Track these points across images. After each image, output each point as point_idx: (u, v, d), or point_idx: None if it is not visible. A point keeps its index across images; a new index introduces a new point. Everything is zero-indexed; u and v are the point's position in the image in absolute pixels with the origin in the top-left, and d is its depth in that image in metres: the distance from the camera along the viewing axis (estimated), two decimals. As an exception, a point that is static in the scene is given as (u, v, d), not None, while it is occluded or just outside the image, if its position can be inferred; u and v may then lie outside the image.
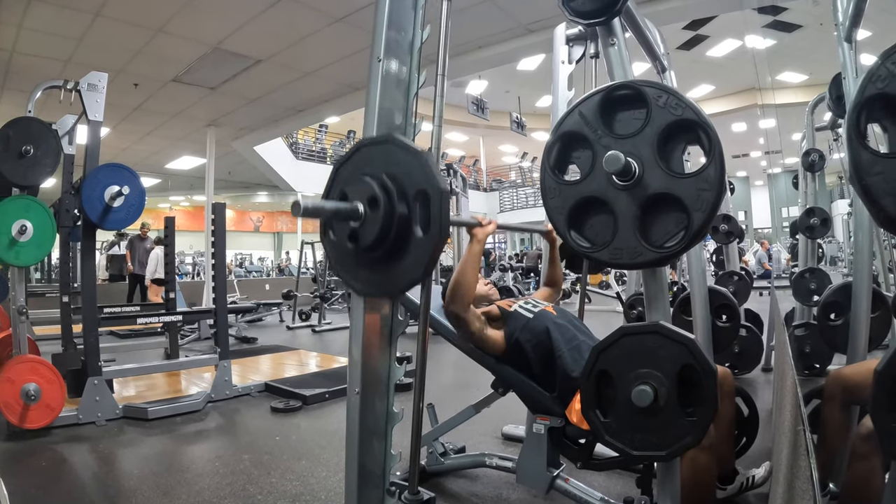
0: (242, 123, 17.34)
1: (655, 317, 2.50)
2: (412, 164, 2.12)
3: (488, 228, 3.42)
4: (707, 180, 2.21)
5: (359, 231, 2.17)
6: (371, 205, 2.13)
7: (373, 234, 2.13)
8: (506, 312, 3.76)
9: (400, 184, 2.13)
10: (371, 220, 2.13)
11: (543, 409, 3.53)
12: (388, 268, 2.20)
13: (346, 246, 2.21)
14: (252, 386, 7.47)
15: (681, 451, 2.31)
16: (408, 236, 2.13)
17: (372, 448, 2.88)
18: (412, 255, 2.14)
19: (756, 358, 7.34)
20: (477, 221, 3.41)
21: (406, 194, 2.13)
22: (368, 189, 2.14)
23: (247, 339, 12.49)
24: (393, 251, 2.16)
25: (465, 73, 15.29)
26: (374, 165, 2.21)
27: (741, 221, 35.24)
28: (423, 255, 2.11)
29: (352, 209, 2.16)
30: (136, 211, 6.27)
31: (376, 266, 2.23)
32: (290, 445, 5.39)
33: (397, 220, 2.12)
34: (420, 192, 2.09)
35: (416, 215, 2.12)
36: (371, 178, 2.16)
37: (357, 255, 2.23)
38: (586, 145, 2.47)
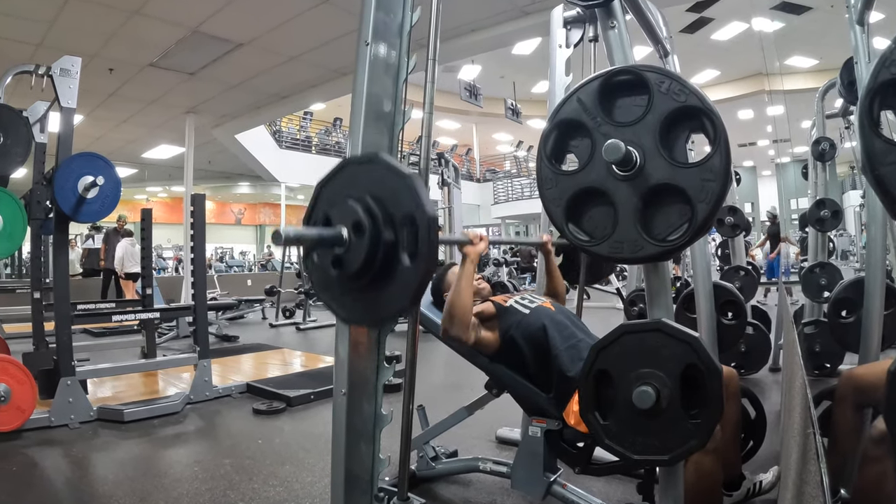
0: (223, 110, 17.33)
1: (657, 314, 2.50)
2: (399, 186, 2.10)
3: (480, 246, 3.37)
4: (712, 170, 2.21)
5: (343, 257, 2.15)
6: (356, 230, 2.11)
7: (358, 261, 2.11)
8: (500, 308, 3.75)
9: (386, 208, 2.11)
10: (356, 246, 2.11)
11: (540, 411, 3.52)
12: (374, 296, 2.18)
13: (330, 272, 2.20)
14: (233, 387, 7.46)
15: (684, 456, 2.31)
16: (394, 264, 2.11)
17: (359, 452, 2.87)
18: (399, 283, 2.11)
19: (763, 357, 7.34)
20: (468, 239, 3.36)
21: (392, 219, 2.10)
22: (353, 213, 2.11)
23: (228, 338, 12.45)
24: (379, 279, 2.15)
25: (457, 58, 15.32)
26: (359, 187, 2.18)
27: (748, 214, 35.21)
28: (410, 283, 2.09)
29: (336, 235, 2.14)
30: (112, 202, 6.25)
31: (361, 293, 2.21)
32: (273, 449, 5.39)
33: (383, 247, 2.10)
34: (407, 217, 2.08)
35: (402, 242, 2.09)
36: (356, 202, 2.14)
37: (341, 281, 2.22)
38: (585, 133, 2.46)
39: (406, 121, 3.04)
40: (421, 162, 3.22)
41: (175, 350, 10.04)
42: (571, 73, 4.58)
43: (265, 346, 11.50)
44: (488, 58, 19.38)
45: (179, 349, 10.15)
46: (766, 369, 7.55)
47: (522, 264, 21.84)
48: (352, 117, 2.92)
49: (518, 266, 21.46)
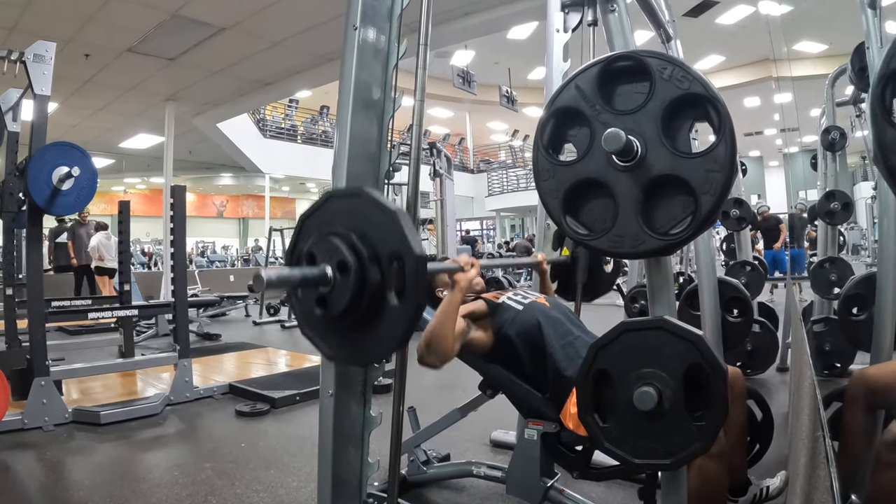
0: (204, 98, 17.29)
1: (659, 311, 2.50)
2: (385, 223, 2.09)
3: (471, 273, 3.27)
4: (716, 160, 2.19)
5: (328, 297, 2.15)
6: (340, 269, 2.11)
7: (343, 302, 2.11)
8: (493, 305, 3.73)
9: (372, 245, 2.11)
10: (341, 286, 2.11)
11: (536, 413, 3.52)
12: (361, 336, 2.18)
13: (315, 311, 2.19)
14: (215, 387, 7.47)
15: (688, 460, 2.31)
16: (381, 304, 2.11)
17: (347, 456, 2.88)
18: (386, 324, 2.11)
19: (770, 357, 7.36)
20: (458, 266, 3.27)
21: (379, 257, 2.10)
22: (337, 252, 2.12)
23: (209, 336, 12.45)
24: (365, 319, 2.15)
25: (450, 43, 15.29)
26: (344, 222, 2.18)
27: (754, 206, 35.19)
28: (398, 324, 2.09)
29: (320, 275, 2.14)
30: (88, 194, 6.24)
31: (348, 333, 2.21)
32: (256, 453, 5.39)
33: (369, 287, 2.10)
34: (394, 255, 2.08)
35: (389, 281, 2.09)
36: (340, 239, 2.14)
37: (326, 321, 2.21)
38: (583, 122, 2.45)
39: (396, 109, 3.04)
40: (412, 152, 3.22)
41: (154, 349, 10.03)
42: (569, 58, 4.58)
43: (248, 344, 11.51)
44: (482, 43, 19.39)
45: (159, 348, 10.15)
46: (774, 369, 7.57)
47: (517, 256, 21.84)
48: (339, 105, 2.91)
49: (514, 260, 21.45)
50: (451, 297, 3.26)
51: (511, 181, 37.23)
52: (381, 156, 3.11)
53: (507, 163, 40.17)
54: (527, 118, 31.57)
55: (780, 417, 4.56)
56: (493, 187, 38.31)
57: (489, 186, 38.36)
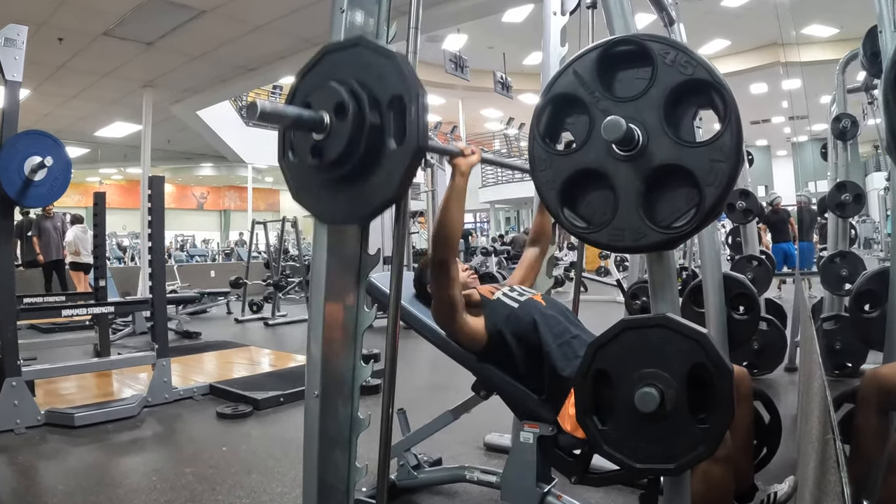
0: (184, 84, 17.25)
1: (662, 308, 2.50)
2: (385, 67, 2.11)
3: (472, 159, 3.36)
4: (721, 150, 2.19)
5: (323, 144, 2.17)
6: (338, 113, 2.12)
7: (339, 147, 2.13)
8: (487, 301, 3.74)
9: (371, 90, 2.12)
10: (337, 131, 2.12)
11: (532, 415, 3.52)
12: (357, 187, 2.19)
13: (308, 163, 2.19)
14: (195, 388, 7.47)
15: (691, 464, 2.31)
16: (380, 149, 2.12)
17: (334, 460, 2.87)
18: (384, 170, 2.13)
19: (778, 356, 7.36)
20: (459, 150, 3.35)
21: (378, 101, 2.12)
22: (336, 95, 2.12)
23: (189, 334, 12.46)
24: (362, 167, 2.15)
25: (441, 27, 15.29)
26: (343, 72, 2.20)
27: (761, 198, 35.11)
28: (396, 170, 2.10)
29: (316, 118, 2.15)
30: (62, 185, 6.24)
31: (343, 186, 2.22)
32: (239, 457, 5.39)
33: (368, 131, 2.11)
34: (395, 98, 2.08)
35: (389, 125, 2.10)
36: (339, 84, 2.14)
37: (320, 173, 2.21)
38: (582, 109, 2.44)
39: (385, 96, 3.04)
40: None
41: (131, 348, 10.02)
42: (567, 43, 4.57)
43: (230, 343, 11.52)
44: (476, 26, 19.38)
45: (136, 347, 10.13)
46: (782, 369, 7.57)
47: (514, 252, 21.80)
48: (325, 91, 2.91)
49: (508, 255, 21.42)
50: (455, 183, 3.34)
51: (506, 172, 37.21)
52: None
53: (502, 152, 40.16)
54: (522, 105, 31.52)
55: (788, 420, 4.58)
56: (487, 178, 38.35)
57: (483, 177, 38.37)
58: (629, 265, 10.28)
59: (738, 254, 9.18)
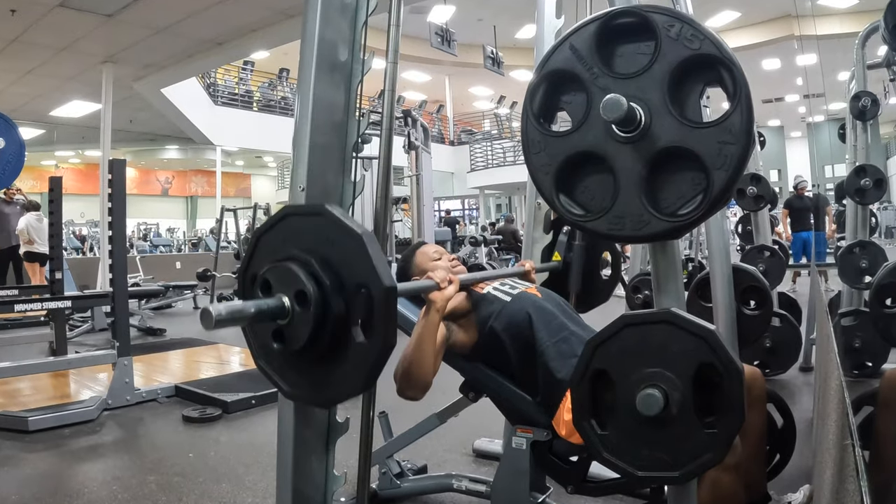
0: (147, 59, 17.22)
1: (666, 302, 2.50)
2: (350, 248, 2.08)
3: (448, 291, 3.22)
4: (731, 131, 2.18)
5: (286, 331, 2.14)
6: (300, 300, 2.10)
7: (303, 337, 2.09)
8: (477, 295, 3.72)
9: (335, 273, 2.10)
10: (300, 319, 2.10)
11: (525, 419, 3.51)
12: (323, 373, 2.17)
13: (272, 345, 2.18)
14: (159, 389, 7.45)
15: (699, 472, 2.30)
16: (345, 340, 2.10)
17: (309, 468, 2.87)
18: (350, 362, 2.10)
19: (793, 355, 7.36)
20: (433, 284, 3.21)
21: (343, 286, 2.09)
22: (296, 281, 2.10)
23: (153, 331, 12.46)
24: (327, 355, 2.13)
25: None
26: (304, 243, 2.17)
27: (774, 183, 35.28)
28: (363, 364, 2.07)
29: (276, 307, 2.12)
30: (14, 169, 6.23)
31: (307, 369, 2.20)
32: (207, 464, 5.38)
33: (332, 321, 2.09)
34: (361, 285, 2.06)
35: (355, 314, 2.07)
36: (299, 266, 2.13)
37: (284, 356, 2.20)
38: (579, 87, 2.44)
39: (366, 72, 3.03)
40: (384, 121, 3.21)
41: (90, 346, 10.02)
42: (563, 15, 4.57)
43: (197, 340, 11.48)
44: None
45: (95, 345, 10.14)
46: (796, 369, 7.59)
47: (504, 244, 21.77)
48: (301, 68, 2.90)
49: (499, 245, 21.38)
50: (428, 320, 3.22)
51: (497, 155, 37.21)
52: (349, 125, 3.09)
53: (493, 133, 40.17)
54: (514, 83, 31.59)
55: (803, 424, 4.58)
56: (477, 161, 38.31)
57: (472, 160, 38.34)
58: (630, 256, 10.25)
59: (748, 244, 9.14)
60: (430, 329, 3.23)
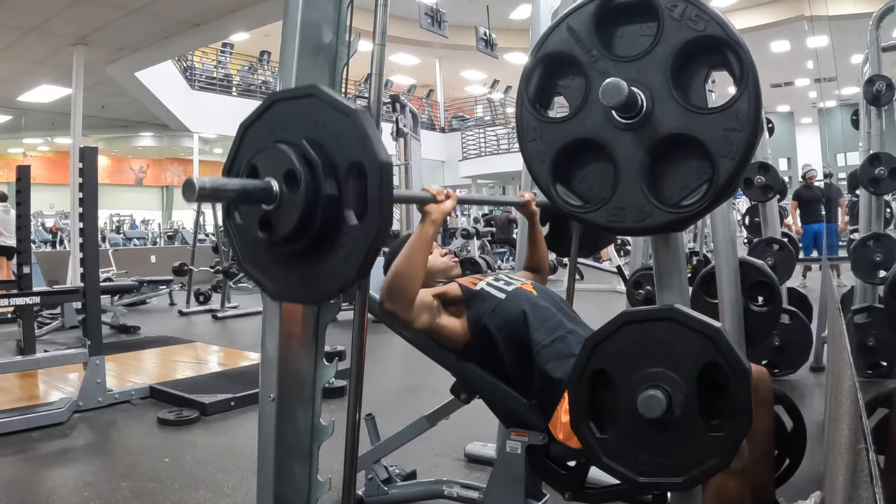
0: (120, 41, 17.16)
1: (669, 298, 2.50)
2: (343, 126, 2.08)
3: (446, 205, 3.29)
4: (737, 117, 2.17)
5: (273, 217, 2.14)
6: (288, 182, 2.09)
7: (291, 222, 2.10)
8: (469, 293, 3.70)
9: (327, 154, 2.10)
10: (289, 202, 2.10)
11: (520, 422, 3.51)
12: (312, 265, 2.18)
13: (257, 235, 2.17)
14: (133, 391, 7.45)
15: (703, 478, 2.30)
16: (337, 224, 2.10)
17: (292, 473, 2.86)
18: (343, 249, 2.10)
19: (803, 354, 7.36)
20: (430, 196, 3.25)
21: (335, 168, 2.09)
22: (285, 161, 2.10)
23: (126, 329, 12.46)
24: (318, 244, 2.14)
25: (416, -26, 15.26)
26: (293, 128, 2.17)
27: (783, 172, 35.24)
28: (357, 249, 2.07)
29: (263, 188, 2.12)
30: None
31: (296, 262, 2.21)
32: (183, 469, 5.37)
33: (323, 203, 2.08)
34: (354, 165, 2.05)
35: (348, 196, 2.07)
36: (288, 147, 2.12)
37: (270, 247, 2.19)
38: (577, 71, 2.43)
39: (351, 54, 3.02)
40: (371, 106, 3.19)
41: (60, 344, 10.02)
42: (561, -6, 4.56)
43: (173, 339, 11.49)
44: (456, -25, 19.35)
45: (65, 343, 10.13)
46: (807, 368, 7.60)
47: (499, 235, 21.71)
48: (283, 50, 2.89)
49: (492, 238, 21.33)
50: (422, 230, 3.27)
51: (490, 142, 37.16)
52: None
53: (486, 120, 40.15)
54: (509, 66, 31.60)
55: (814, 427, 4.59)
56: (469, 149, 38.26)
57: (464, 148, 38.29)
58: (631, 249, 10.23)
59: (756, 236, 9.12)
60: (424, 242, 3.28)
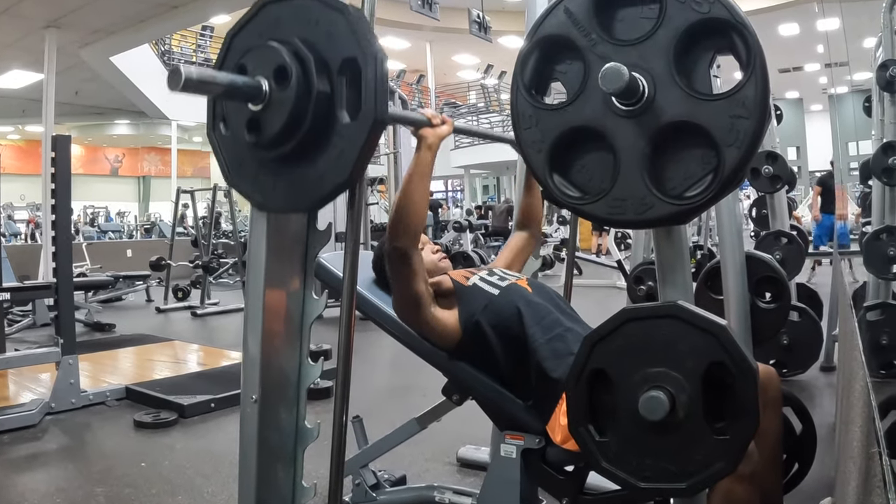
0: (95, 24, 17.14)
1: (672, 294, 2.49)
2: (336, 23, 2.07)
3: (442, 129, 3.28)
4: (744, 104, 2.17)
5: (261, 117, 2.13)
6: (279, 79, 2.09)
7: (281, 121, 2.09)
8: (461, 288, 3.70)
9: (319, 51, 2.09)
10: (278, 100, 2.09)
11: (515, 424, 3.51)
12: (303, 169, 2.16)
13: (244, 139, 2.16)
14: (108, 391, 7.43)
15: (708, 483, 2.30)
16: (330, 123, 2.09)
17: (275, 478, 2.86)
18: (336, 148, 2.09)
19: (813, 353, 7.36)
20: (426, 119, 3.24)
21: (328, 65, 2.08)
22: (276, 57, 2.09)
23: (101, 327, 12.42)
24: (309, 145, 2.12)
25: (406, -47, 15.24)
26: (285, 29, 2.17)
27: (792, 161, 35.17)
28: (350, 148, 2.06)
29: (253, 85, 2.11)
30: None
31: (286, 167, 2.19)
32: (160, 474, 5.37)
33: (315, 100, 2.07)
34: (347, 61, 2.04)
35: (340, 94, 2.06)
36: (279, 44, 2.11)
37: (258, 151, 2.18)
38: (575, 55, 2.43)
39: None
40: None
41: (31, 343, 10.00)
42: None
43: (150, 337, 11.47)
44: (447, -46, 19.33)
45: (37, 342, 10.11)
46: (817, 368, 7.60)
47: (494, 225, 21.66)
48: (264, 32, 2.88)
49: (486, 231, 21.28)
50: (420, 157, 3.26)
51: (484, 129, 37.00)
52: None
53: (479, 107, 40.13)
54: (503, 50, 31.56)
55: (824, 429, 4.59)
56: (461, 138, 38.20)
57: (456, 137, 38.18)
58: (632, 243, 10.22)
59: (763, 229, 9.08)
60: (423, 169, 3.27)
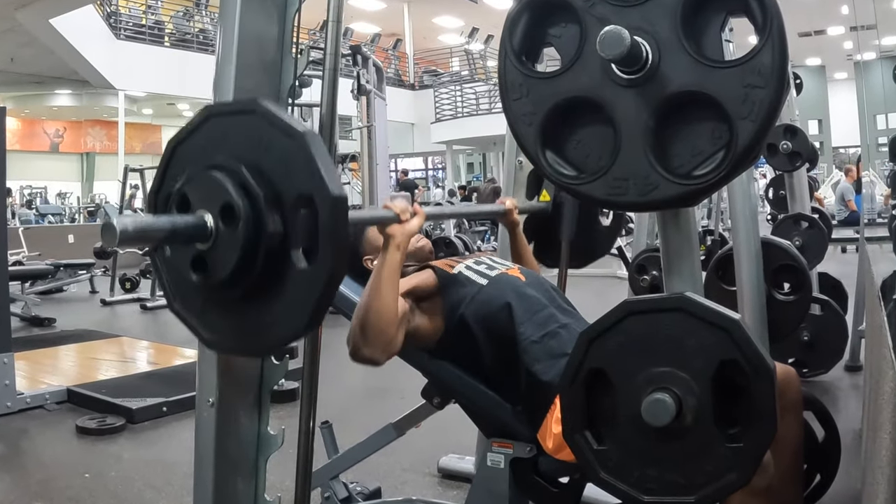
0: (31, -18, 17.13)
1: (679, 285, 2.49)
2: (290, 151, 2.05)
3: (412, 225, 3.18)
4: (759, 71, 2.15)
5: (207, 257, 2.11)
6: (225, 218, 2.07)
7: (229, 264, 2.06)
8: (446, 276, 3.66)
9: (271, 184, 2.07)
10: (226, 240, 2.06)
11: (503, 431, 3.50)
12: (255, 312, 2.14)
13: (189, 278, 2.15)
14: (48, 394, 7.43)
15: (720, 497, 2.28)
16: (284, 268, 2.07)
17: (234, 491, 2.86)
18: (290, 296, 2.07)
19: (837, 351, 7.36)
20: (393, 214, 3.15)
21: (280, 199, 2.06)
22: (221, 192, 2.07)
23: (39, 321, 12.44)
24: (261, 289, 2.10)
25: None
26: (231, 150, 2.14)
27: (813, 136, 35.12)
28: (306, 299, 2.04)
29: (196, 226, 2.08)
30: None
31: (235, 308, 2.18)
32: (106, 487, 5.36)
33: (266, 242, 2.05)
34: (302, 197, 2.03)
35: (295, 234, 2.05)
36: (225, 175, 2.09)
37: (205, 291, 2.17)
38: (571, 17, 2.41)
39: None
40: (327, 59, 3.18)
41: (-40, 340, 9.98)
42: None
43: (95, 333, 11.48)
44: None
45: (-33, 339, 10.10)
46: (841, 368, 7.61)
47: (480, 211, 21.67)
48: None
49: (472, 216, 21.34)
50: (388, 258, 3.17)
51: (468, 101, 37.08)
52: (284, 65, 3.06)
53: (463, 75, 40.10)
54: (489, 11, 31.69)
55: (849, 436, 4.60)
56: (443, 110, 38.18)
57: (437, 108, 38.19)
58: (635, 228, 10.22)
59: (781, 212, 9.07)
60: (391, 271, 3.18)
